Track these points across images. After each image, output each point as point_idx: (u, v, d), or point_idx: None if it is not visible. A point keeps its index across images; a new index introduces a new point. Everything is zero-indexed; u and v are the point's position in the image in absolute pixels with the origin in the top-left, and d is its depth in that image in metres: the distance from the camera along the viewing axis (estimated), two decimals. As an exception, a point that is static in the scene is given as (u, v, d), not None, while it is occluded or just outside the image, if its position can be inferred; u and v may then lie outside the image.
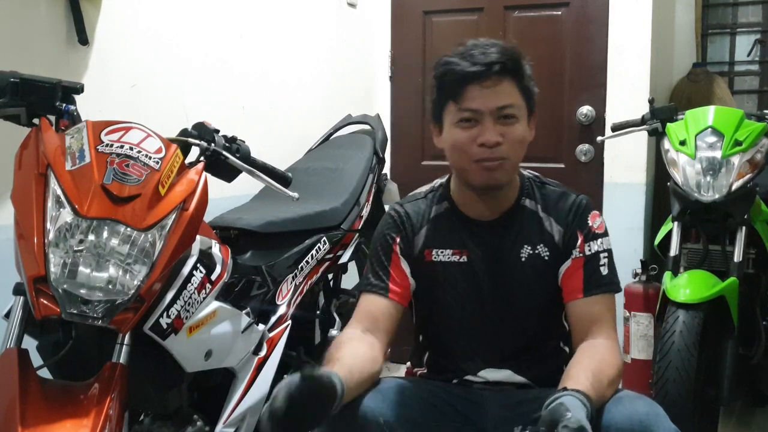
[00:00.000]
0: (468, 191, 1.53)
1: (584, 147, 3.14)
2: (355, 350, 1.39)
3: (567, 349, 1.57)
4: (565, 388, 1.24)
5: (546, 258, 1.52)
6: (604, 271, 1.50)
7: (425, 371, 1.64)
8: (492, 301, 1.53)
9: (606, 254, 1.52)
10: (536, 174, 1.62)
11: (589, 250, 1.51)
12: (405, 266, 1.56)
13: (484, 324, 1.54)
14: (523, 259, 1.52)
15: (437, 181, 1.64)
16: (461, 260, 1.54)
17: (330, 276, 2.35)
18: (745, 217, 2.31)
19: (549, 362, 1.55)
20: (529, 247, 1.53)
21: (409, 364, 1.73)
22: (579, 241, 1.51)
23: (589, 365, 1.36)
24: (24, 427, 1.18)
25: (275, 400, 1.12)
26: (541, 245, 1.52)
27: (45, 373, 1.38)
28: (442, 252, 1.55)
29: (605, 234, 1.54)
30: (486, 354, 1.54)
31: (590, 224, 1.53)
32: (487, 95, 1.42)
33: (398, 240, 1.57)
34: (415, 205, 1.61)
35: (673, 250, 2.34)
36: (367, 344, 1.44)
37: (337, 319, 2.27)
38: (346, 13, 3.26)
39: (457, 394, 1.52)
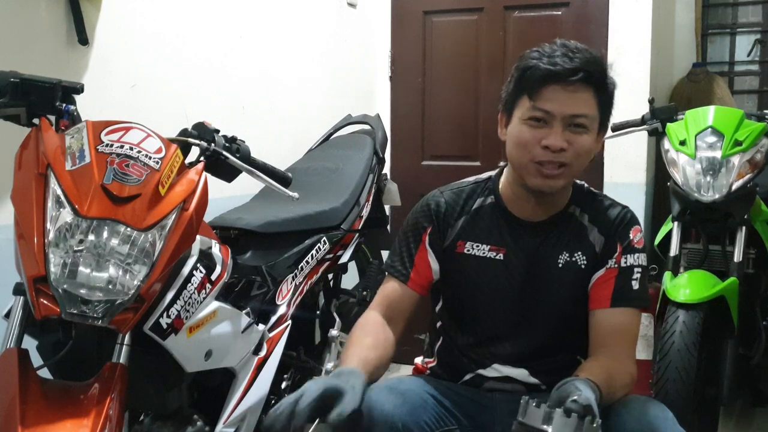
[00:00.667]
0: (519, 189, 1.52)
1: (584, 147, 3.13)
2: (375, 339, 1.44)
3: (582, 362, 1.56)
4: (576, 377, 1.25)
5: (582, 267, 1.52)
6: (636, 285, 1.49)
7: (435, 363, 1.63)
8: (520, 302, 1.53)
9: (640, 270, 1.50)
10: (586, 184, 1.61)
11: (625, 263, 1.50)
12: (431, 258, 1.56)
13: (507, 322, 1.53)
14: (560, 265, 1.52)
15: (487, 174, 1.62)
16: (497, 257, 1.53)
17: (330, 276, 2.35)
18: (745, 217, 2.31)
19: (563, 372, 1.50)
20: (568, 254, 1.52)
21: (417, 360, 1.72)
22: (617, 252, 1.51)
23: (603, 364, 1.37)
24: (24, 427, 1.18)
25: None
26: (580, 253, 1.52)
27: (45, 373, 1.38)
28: (477, 246, 1.55)
29: (643, 250, 1.53)
30: (503, 351, 1.54)
31: (631, 237, 1.52)
32: (564, 99, 1.40)
33: (429, 230, 1.57)
34: (457, 194, 1.59)
35: (673, 250, 2.34)
36: (385, 330, 1.48)
37: (337, 319, 2.26)
38: (346, 13, 3.26)
39: (466, 396, 1.52)
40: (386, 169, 2.81)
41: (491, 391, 1.53)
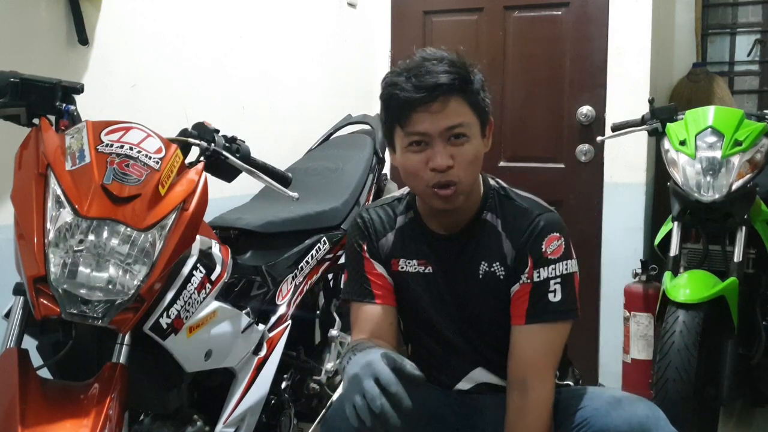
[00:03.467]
0: (428, 205, 1.50)
1: (584, 147, 3.14)
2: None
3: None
4: None
5: (501, 277, 1.48)
6: (554, 297, 1.42)
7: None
8: (458, 311, 1.52)
9: (558, 280, 1.43)
10: (502, 185, 1.55)
11: (538, 277, 1.43)
12: (379, 268, 1.56)
13: (454, 329, 1.53)
14: (480, 276, 1.49)
15: (405, 189, 1.60)
16: (426, 271, 1.53)
17: (330, 276, 2.35)
18: (745, 217, 2.31)
19: None
20: (486, 264, 1.49)
21: None
22: (528, 267, 1.44)
23: None
24: (24, 427, 1.18)
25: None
26: (497, 264, 1.48)
27: (45, 373, 1.37)
28: (408, 262, 1.54)
29: (562, 258, 1.44)
30: (463, 359, 1.54)
31: (543, 249, 1.43)
32: (434, 118, 1.36)
33: (365, 246, 1.56)
34: (382, 211, 1.59)
35: (673, 250, 2.34)
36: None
37: (337, 319, 2.27)
38: (346, 13, 3.26)
39: (454, 398, 1.53)
40: (386, 169, 2.81)
41: (475, 393, 1.54)
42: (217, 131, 1.65)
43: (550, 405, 1.41)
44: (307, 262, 2.04)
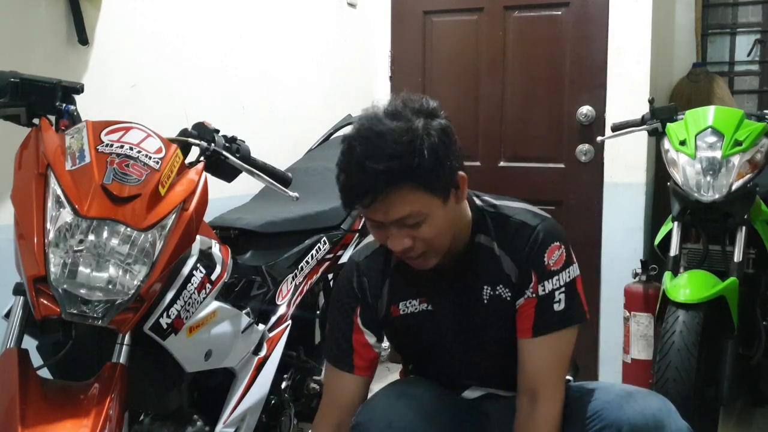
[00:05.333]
0: None
1: (584, 147, 3.14)
2: None
3: None
4: None
5: (507, 299, 1.45)
6: (559, 307, 1.41)
7: None
8: (460, 345, 1.50)
9: (563, 289, 1.41)
10: (491, 202, 1.49)
11: (543, 290, 1.41)
12: (368, 336, 1.51)
13: (459, 362, 1.52)
14: (486, 301, 1.46)
15: None
16: (428, 308, 1.49)
17: (330, 276, 2.35)
18: (745, 217, 2.31)
19: None
20: (489, 288, 1.45)
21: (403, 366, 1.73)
22: (533, 282, 1.42)
23: None
24: (24, 427, 1.18)
25: None
26: (501, 286, 1.45)
27: (45, 373, 1.37)
28: (408, 303, 1.50)
29: (564, 267, 1.42)
30: (468, 383, 1.55)
31: (546, 262, 1.41)
32: (381, 210, 1.30)
33: (358, 311, 1.52)
34: (373, 260, 1.53)
35: (673, 250, 2.34)
36: None
37: (337, 319, 2.26)
38: (346, 13, 3.26)
39: (460, 401, 1.53)
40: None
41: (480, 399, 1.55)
42: (217, 131, 1.65)
43: (561, 413, 1.40)
44: (307, 262, 2.04)
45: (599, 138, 2.83)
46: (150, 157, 1.38)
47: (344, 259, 2.27)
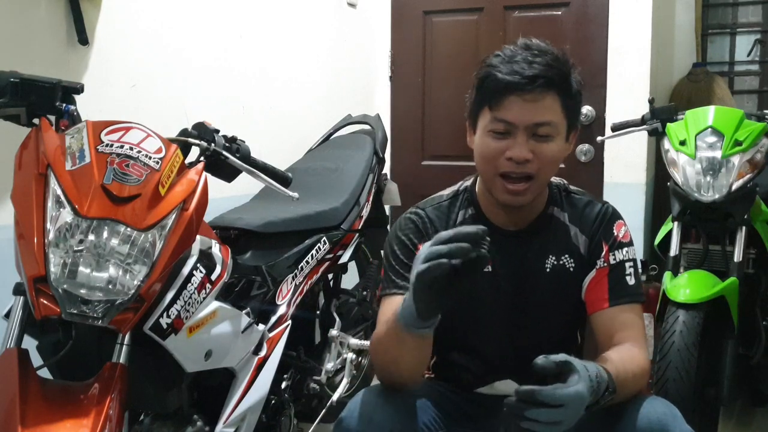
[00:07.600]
0: (494, 198, 1.46)
1: (584, 147, 3.14)
2: None
3: None
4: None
5: (571, 269, 1.48)
6: (630, 281, 1.45)
7: (432, 375, 1.62)
8: (512, 312, 1.49)
9: (631, 264, 1.46)
10: (563, 181, 1.56)
11: (614, 260, 1.46)
12: None
13: (501, 333, 1.50)
14: (548, 270, 1.48)
15: (462, 184, 1.56)
16: (486, 270, 1.45)
17: (330, 276, 2.35)
18: (745, 217, 2.31)
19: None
20: (554, 258, 1.48)
21: None
22: (604, 251, 1.46)
23: (615, 355, 1.33)
24: (24, 427, 1.18)
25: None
26: (566, 256, 1.48)
27: (45, 373, 1.38)
28: None
29: (630, 243, 1.49)
30: (499, 363, 1.51)
31: (615, 233, 1.47)
32: (525, 109, 1.34)
33: (420, 247, 1.48)
34: (438, 210, 1.52)
35: (673, 250, 2.34)
36: None
37: (337, 319, 2.27)
38: (346, 13, 3.26)
39: (468, 398, 1.52)
40: (386, 169, 2.81)
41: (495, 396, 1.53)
42: (217, 131, 1.65)
43: (647, 368, 1.38)
44: (307, 262, 2.04)
45: (599, 138, 2.83)
46: (150, 157, 1.38)
47: (344, 259, 2.27)
